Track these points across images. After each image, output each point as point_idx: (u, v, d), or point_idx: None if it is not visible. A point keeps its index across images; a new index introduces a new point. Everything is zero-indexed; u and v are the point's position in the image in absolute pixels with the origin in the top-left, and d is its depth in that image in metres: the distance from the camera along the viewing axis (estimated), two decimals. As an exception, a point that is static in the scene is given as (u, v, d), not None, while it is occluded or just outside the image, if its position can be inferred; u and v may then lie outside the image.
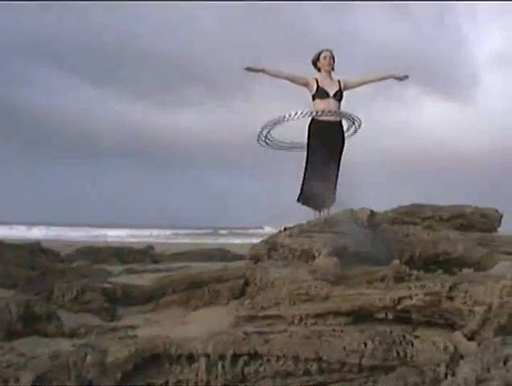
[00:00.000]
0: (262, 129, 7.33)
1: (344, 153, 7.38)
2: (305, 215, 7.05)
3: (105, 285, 6.14)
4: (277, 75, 7.46)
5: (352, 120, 7.41)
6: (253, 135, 7.57)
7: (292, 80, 7.51)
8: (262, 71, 7.36)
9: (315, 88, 7.41)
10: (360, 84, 7.72)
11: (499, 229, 8.08)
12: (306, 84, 7.50)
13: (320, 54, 7.53)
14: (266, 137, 7.42)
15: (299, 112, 7.13)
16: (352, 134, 7.58)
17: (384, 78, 7.73)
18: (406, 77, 7.69)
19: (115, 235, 37.40)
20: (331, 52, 7.56)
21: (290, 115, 7.07)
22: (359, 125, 7.45)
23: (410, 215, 8.30)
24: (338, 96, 7.43)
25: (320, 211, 7.17)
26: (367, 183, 6.49)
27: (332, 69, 7.56)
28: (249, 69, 7.28)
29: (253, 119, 7.14)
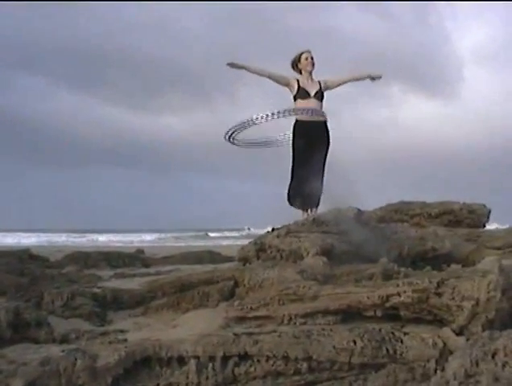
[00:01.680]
0: (229, 131, 7.29)
1: (329, 152, 7.35)
2: (292, 215, 7.06)
3: (95, 290, 6.14)
4: (259, 73, 7.38)
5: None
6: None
7: (274, 78, 7.46)
8: (244, 68, 7.27)
9: (296, 88, 7.37)
10: (339, 84, 7.66)
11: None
12: (287, 84, 7.47)
13: (300, 55, 7.49)
14: (231, 137, 7.39)
15: (270, 114, 7.04)
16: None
17: (362, 78, 7.66)
18: (379, 77, 7.62)
19: (105, 240, 37.33)
20: (310, 53, 7.54)
21: (258, 117, 6.98)
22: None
23: (398, 212, 8.35)
24: (319, 95, 7.40)
25: (306, 211, 7.16)
26: (354, 181, 6.48)
27: (311, 71, 7.55)
28: (231, 65, 7.20)
29: (237, 121, 7.07)
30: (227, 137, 7.37)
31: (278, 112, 7.08)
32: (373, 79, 7.60)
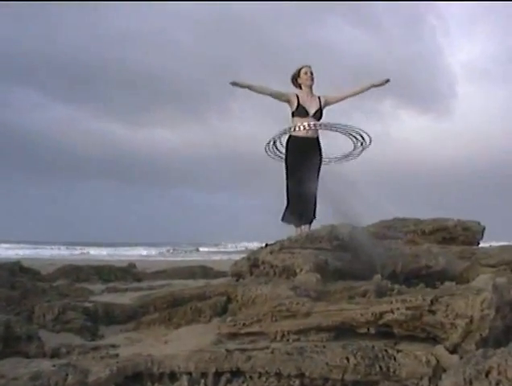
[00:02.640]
0: (272, 140, 7.33)
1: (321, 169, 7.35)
2: (286, 231, 7.07)
3: (87, 304, 6.12)
4: (261, 92, 7.37)
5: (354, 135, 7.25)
6: (230, 152, 7.60)
7: (275, 96, 7.44)
8: (248, 87, 7.27)
9: (295, 104, 7.37)
10: (341, 99, 7.63)
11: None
12: (287, 101, 7.45)
13: (300, 70, 7.51)
14: (275, 147, 7.43)
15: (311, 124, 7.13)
16: (359, 152, 7.48)
17: (365, 89, 7.61)
18: (387, 81, 7.56)
19: (96, 253, 37.24)
20: (310, 68, 7.57)
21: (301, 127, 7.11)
22: (369, 141, 7.30)
23: (392, 229, 8.35)
24: (318, 115, 7.40)
25: (300, 227, 7.17)
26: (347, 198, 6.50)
27: (311, 86, 7.57)
28: (234, 84, 7.21)
29: (229, 135, 7.10)
30: (271, 148, 7.43)
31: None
32: (380, 85, 7.56)
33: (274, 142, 7.34)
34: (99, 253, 37.34)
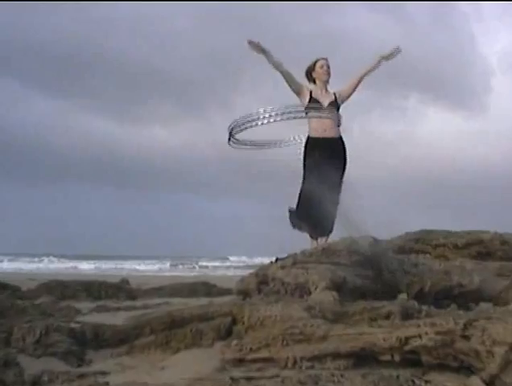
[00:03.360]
0: (233, 128, 7.40)
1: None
2: (299, 243, 7.05)
3: (73, 325, 6.11)
4: (276, 66, 7.37)
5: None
6: (234, 152, 7.60)
7: (288, 78, 7.47)
8: (264, 53, 7.30)
9: (307, 99, 7.43)
10: (355, 87, 7.69)
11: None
12: (298, 92, 7.49)
13: (315, 63, 7.56)
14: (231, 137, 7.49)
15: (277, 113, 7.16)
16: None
17: (375, 65, 7.70)
18: (397, 51, 7.67)
19: (85, 267, 37.31)
20: (327, 60, 7.60)
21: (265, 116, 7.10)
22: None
23: (419, 242, 8.32)
24: (334, 105, 7.48)
25: (316, 239, 7.17)
26: (366, 206, 6.48)
27: (327, 80, 7.59)
28: (252, 44, 7.27)
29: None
30: (228, 138, 7.47)
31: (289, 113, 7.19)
32: (389, 57, 7.64)
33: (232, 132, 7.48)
34: (87, 267, 37.46)
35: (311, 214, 7.09)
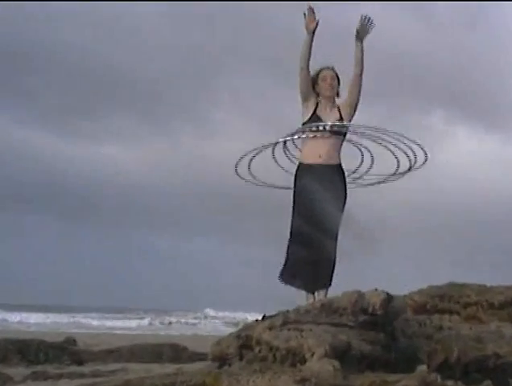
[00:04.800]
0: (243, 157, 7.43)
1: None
2: (292, 297, 7.06)
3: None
4: (305, 55, 7.50)
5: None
6: (210, 180, 7.66)
7: (304, 79, 7.56)
8: (313, 32, 7.44)
9: (310, 113, 7.49)
10: (356, 88, 7.68)
11: None
12: (306, 99, 7.54)
13: (318, 73, 7.58)
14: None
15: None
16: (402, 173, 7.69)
17: (358, 50, 7.63)
18: (365, 19, 7.59)
19: (19, 321, 37.08)
20: (333, 70, 7.66)
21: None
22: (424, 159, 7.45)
23: (445, 299, 8.33)
24: (338, 128, 7.43)
25: (313, 293, 7.17)
26: (377, 252, 6.52)
27: (337, 95, 7.61)
28: (310, 10, 7.41)
29: (211, 157, 7.17)
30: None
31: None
32: (362, 34, 7.61)
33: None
34: (24, 321, 37.19)
35: (304, 263, 7.09)
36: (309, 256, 7.03)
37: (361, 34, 7.58)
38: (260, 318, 6.52)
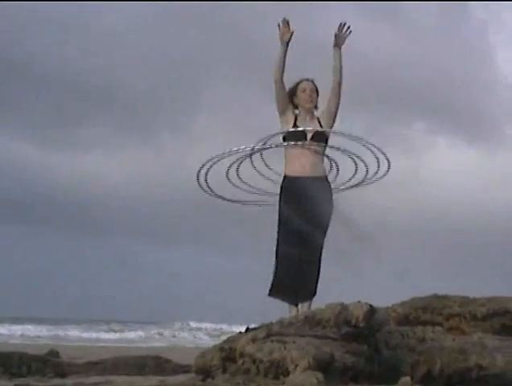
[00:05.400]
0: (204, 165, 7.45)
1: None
2: (275, 309, 7.05)
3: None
4: (279, 67, 7.56)
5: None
6: (191, 187, 7.62)
7: (280, 91, 7.61)
8: (287, 43, 7.49)
9: (290, 125, 7.51)
10: (335, 98, 7.73)
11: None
12: (283, 112, 7.57)
13: (297, 85, 7.62)
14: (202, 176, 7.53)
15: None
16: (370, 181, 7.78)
17: (336, 57, 7.72)
18: (342, 27, 7.70)
19: (0, 333, 36.90)
20: (313, 83, 7.69)
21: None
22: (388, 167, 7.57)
23: (428, 311, 8.34)
24: (320, 136, 7.49)
25: (296, 305, 7.16)
26: (359, 264, 6.52)
27: (315, 107, 7.63)
28: (284, 21, 7.46)
29: (191, 165, 7.13)
30: (199, 178, 7.51)
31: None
32: (340, 41, 7.71)
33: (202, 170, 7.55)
34: (5, 333, 37.01)
35: (289, 276, 7.09)
36: (294, 269, 7.03)
37: (339, 41, 7.68)
38: (243, 330, 6.52)
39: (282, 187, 7.42)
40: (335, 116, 7.64)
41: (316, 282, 7.19)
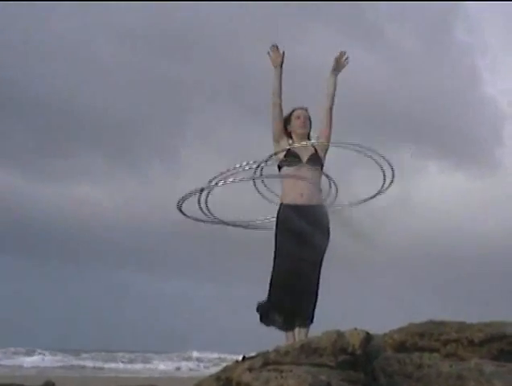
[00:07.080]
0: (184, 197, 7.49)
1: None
2: (271, 338, 7.02)
3: None
4: (276, 91, 7.68)
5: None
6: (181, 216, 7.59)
7: (277, 116, 7.68)
8: (281, 67, 7.65)
9: (285, 152, 7.53)
10: (327, 123, 7.84)
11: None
12: (278, 140, 7.62)
13: (291, 113, 7.65)
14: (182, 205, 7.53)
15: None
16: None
17: (330, 84, 7.91)
18: (342, 55, 7.95)
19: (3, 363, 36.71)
20: (306, 111, 7.77)
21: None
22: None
23: (425, 337, 8.30)
24: (315, 160, 7.56)
25: (292, 331, 7.13)
26: (355, 292, 6.50)
27: (308, 136, 7.68)
28: (274, 47, 7.64)
29: (181, 194, 7.11)
30: (180, 205, 7.49)
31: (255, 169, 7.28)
32: (338, 69, 7.90)
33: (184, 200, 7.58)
34: (6, 363, 36.80)
35: (285, 304, 7.07)
36: (291, 295, 7.01)
37: (338, 67, 7.86)
38: (240, 359, 6.48)
39: (278, 215, 7.41)
40: (328, 140, 7.69)
41: (313, 309, 7.17)
